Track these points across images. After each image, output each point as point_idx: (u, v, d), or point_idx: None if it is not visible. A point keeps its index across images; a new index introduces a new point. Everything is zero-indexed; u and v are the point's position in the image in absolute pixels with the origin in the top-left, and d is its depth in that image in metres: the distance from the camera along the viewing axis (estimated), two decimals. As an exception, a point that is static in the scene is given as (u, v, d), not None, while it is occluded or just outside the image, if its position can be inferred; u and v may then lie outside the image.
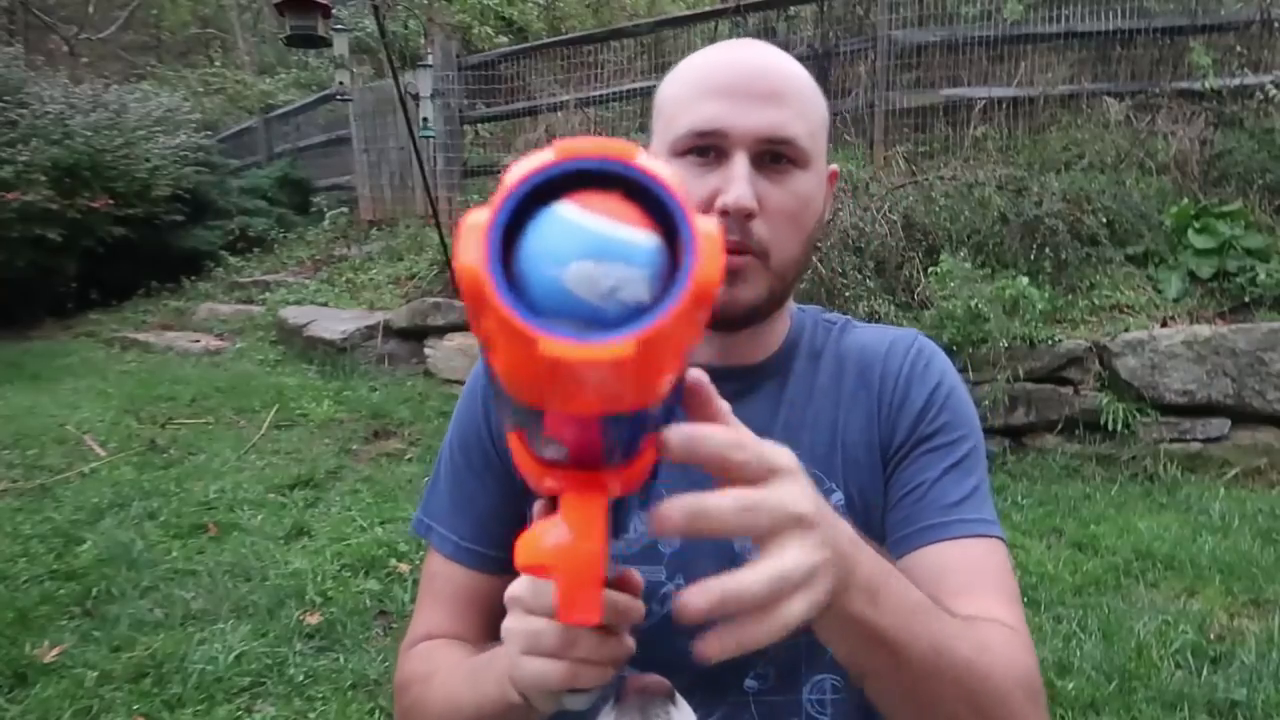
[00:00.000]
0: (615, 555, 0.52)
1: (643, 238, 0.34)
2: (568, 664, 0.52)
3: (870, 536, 0.72)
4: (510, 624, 0.55)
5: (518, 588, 0.55)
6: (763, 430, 0.76)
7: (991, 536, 0.80)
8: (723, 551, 0.79)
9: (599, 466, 0.43)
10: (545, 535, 0.44)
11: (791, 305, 0.88)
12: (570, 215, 0.33)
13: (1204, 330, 3.72)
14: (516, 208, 0.34)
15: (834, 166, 0.84)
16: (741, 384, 0.81)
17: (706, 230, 0.34)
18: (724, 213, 0.72)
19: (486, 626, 0.82)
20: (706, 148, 0.75)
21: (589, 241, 0.33)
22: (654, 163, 0.35)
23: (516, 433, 0.44)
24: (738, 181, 0.72)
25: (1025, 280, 3.97)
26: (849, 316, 0.92)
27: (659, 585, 0.80)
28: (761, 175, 0.74)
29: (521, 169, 0.34)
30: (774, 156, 0.75)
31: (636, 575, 0.54)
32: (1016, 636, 0.71)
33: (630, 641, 0.54)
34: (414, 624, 0.86)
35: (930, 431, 0.81)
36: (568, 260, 0.33)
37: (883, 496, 0.82)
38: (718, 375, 0.69)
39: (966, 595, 0.72)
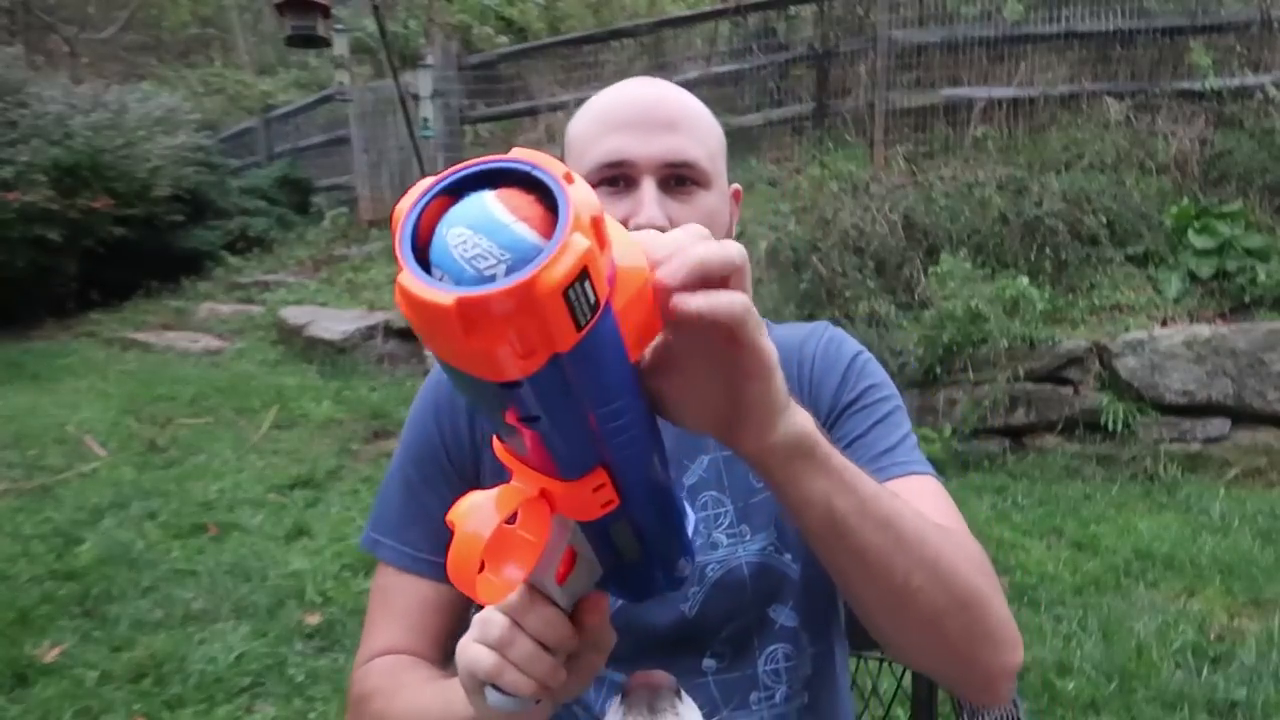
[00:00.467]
0: (577, 590, 0.55)
1: (524, 232, 0.39)
2: (499, 659, 0.54)
3: None
4: (482, 612, 0.57)
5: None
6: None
7: (926, 474, 0.83)
8: None
9: (549, 472, 0.46)
10: (473, 502, 0.47)
11: None
12: (483, 197, 0.40)
13: (1204, 330, 3.72)
14: (462, 182, 0.40)
15: (736, 186, 0.91)
16: None
17: (575, 244, 0.37)
18: None
19: (444, 638, 0.84)
20: (616, 178, 0.81)
21: (479, 217, 0.39)
22: (549, 170, 0.39)
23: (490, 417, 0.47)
24: (647, 204, 0.79)
25: (1025, 280, 3.97)
26: (768, 320, 0.94)
27: None
28: (669, 197, 0.81)
29: (471, 163, 0.41)
30: (678, 180, 0.81)
31: (595, 611, 0.56)
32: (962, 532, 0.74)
33: (562, 672, 0.55)
34: (368, 640, 0.86)
35: (852, 398, 0.87)
36: (457, 224, 0.39)
37: None
38: None
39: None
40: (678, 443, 0.84)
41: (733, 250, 0.49)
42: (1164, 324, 3.87)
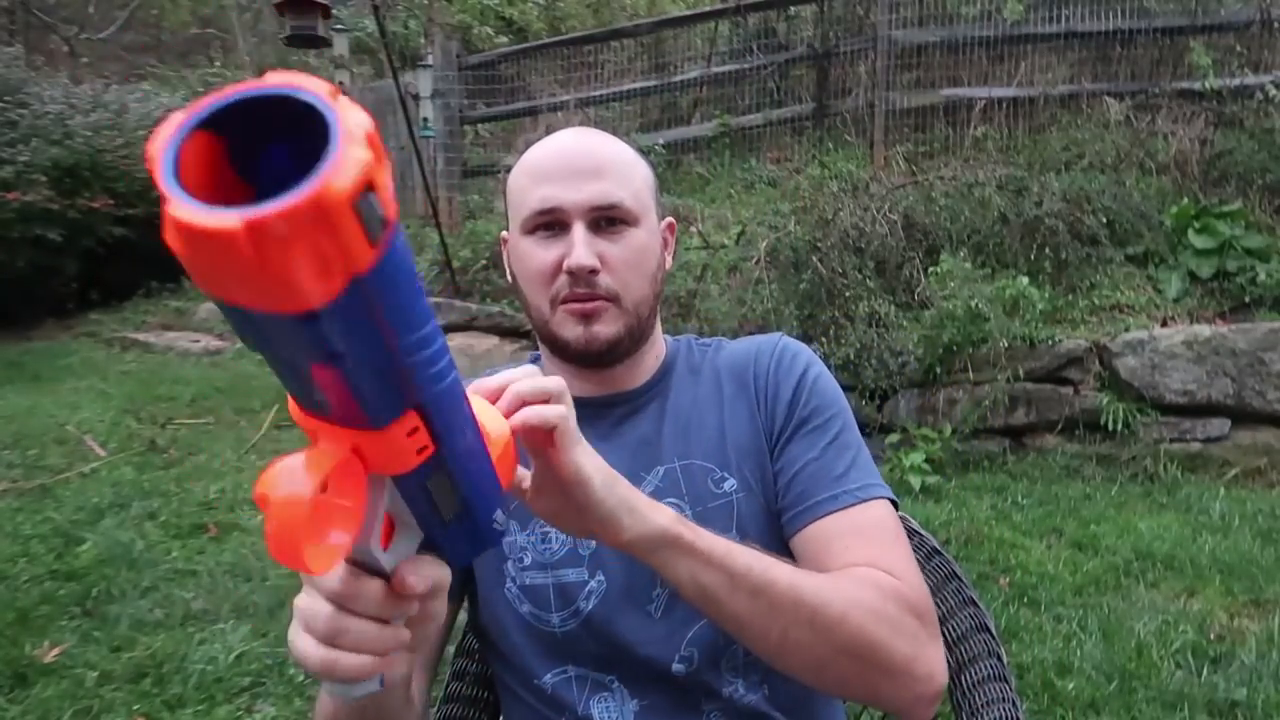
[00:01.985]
0: (400, 555, 0.53)
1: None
2: (328, 651, 0.53)
3: (770, 517, 0.90)
4: (299, 599, 0.56)
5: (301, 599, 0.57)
6: (652, 439, 0.99)
7: (875, 498, 0.88)
8: None
9: (358, 423, 0.43)
10: (281, 469, 0.44)
11: (663, 336, 1.01)
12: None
13: (1204, 330, 3.72)
14: (222, 115, 0.38)
15: (669, 219, 0.99)
16: (625, 407, 0.96)
17: (353, 155, 0.35)
18: (571, 273, 0.87)
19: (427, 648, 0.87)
20: (550, 223, 0.89)
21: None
22: (312, 90, 0.37)
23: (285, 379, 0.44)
24: (578, 246, 0.87)
25: (1025, 280, 3.97)
26: (721, 338, 1.05)
27: (582, 584, 0.89)
28: (600, 237, 0.89)
29: (228, 92, 0.38)
30: (608, 220, 0.89)
31: (416, 574, 0.53)
32: (878, 571, 0.80)
33: (405, 632, 0.55)
34: None
35: (805, 415, 0.92)
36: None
37: (773, 477, 0.91)
38: (601, 403, 0.95)
39: (850, 555, 0.83)
40: (634, 458, 0.92)
41: (548, 382, 0.64)
42: (1164, 324, 3.87)
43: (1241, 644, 2.36)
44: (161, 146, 0.36)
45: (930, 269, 4.12)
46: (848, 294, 4.03)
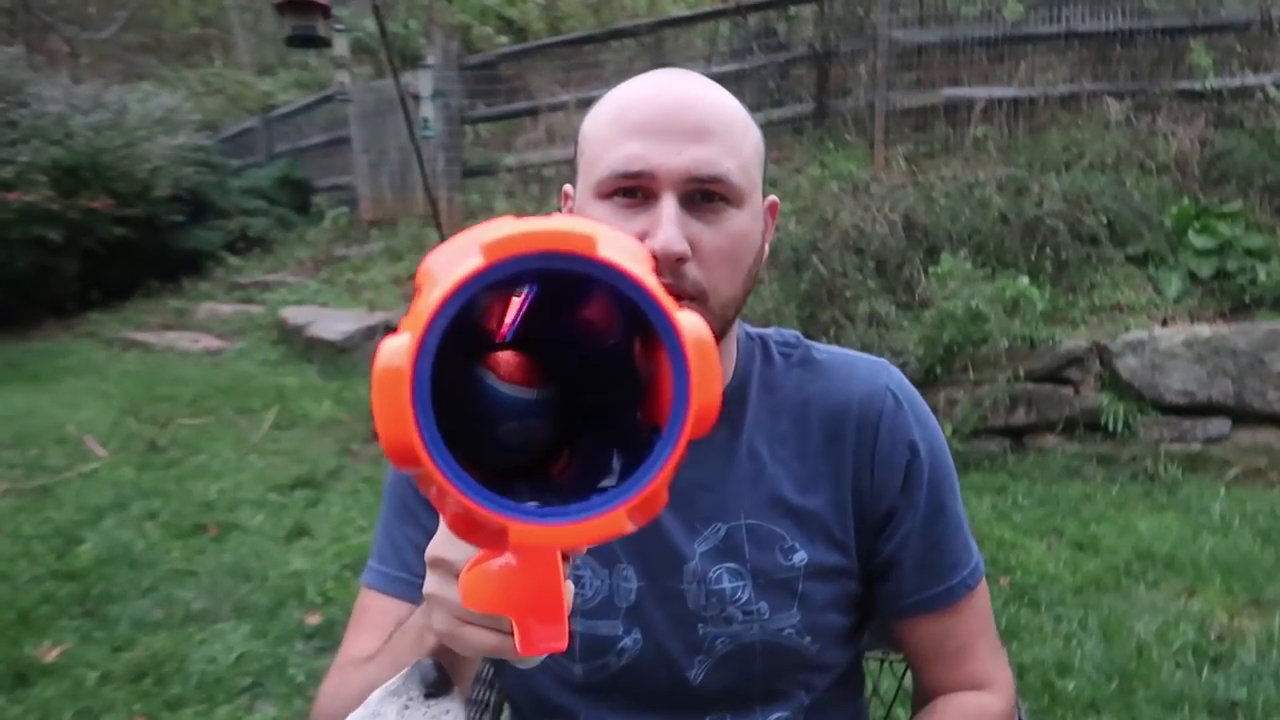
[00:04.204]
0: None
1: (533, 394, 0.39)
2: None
3: (841, 596, 0.82)
4: (433, 588, 0.53)
5: (441, 549, 0.52)
6: (714, 485, 0.80)
7: (978, 581, 0.84)
8: (674, 601, 0.79)
9: None
10: (494, 572, 0.41)
11: (738, 332, 0.84)
12: (493, 384, 0.38)
13: (1204, 330, 3.72)
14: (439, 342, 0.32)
15: (773, 198, 0.82)
16: None
17: (695, 339, 0.32)
18: (654, 258, 0.70)
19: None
20: (633, 189, 0.71)
21: (512, 407, 0.39)
22: (617, 252, 0.31)
23: None
24: (666, 225, 0.69)
25: (1025, 280, 3.97)
26: (810, 342, 0.88)
27: (616, 639, 0.80)
28: (693, 216, 0.71)
29: (443, 287, 0.30)
30: (705, 195, 0.71)
31: None
32: (987, 707, 0.82)
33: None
34: (340, 654, 0.81)
35: (915, 497, 0.81)
36: (499, 423, 0.39)
37: (858, 558, 0.82)
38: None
39: (961, 657, 0.83)
40: (689, 506, 0.79)
41: None
42: (1164, 324, 3.86)
43: (1242, 644, 2.36)
44: (415, 354, 0.31)
45: (930, 269, 4.12)
46: (848, 294, 4.03)
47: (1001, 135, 5.14)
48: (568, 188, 0.81)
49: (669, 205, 0.70)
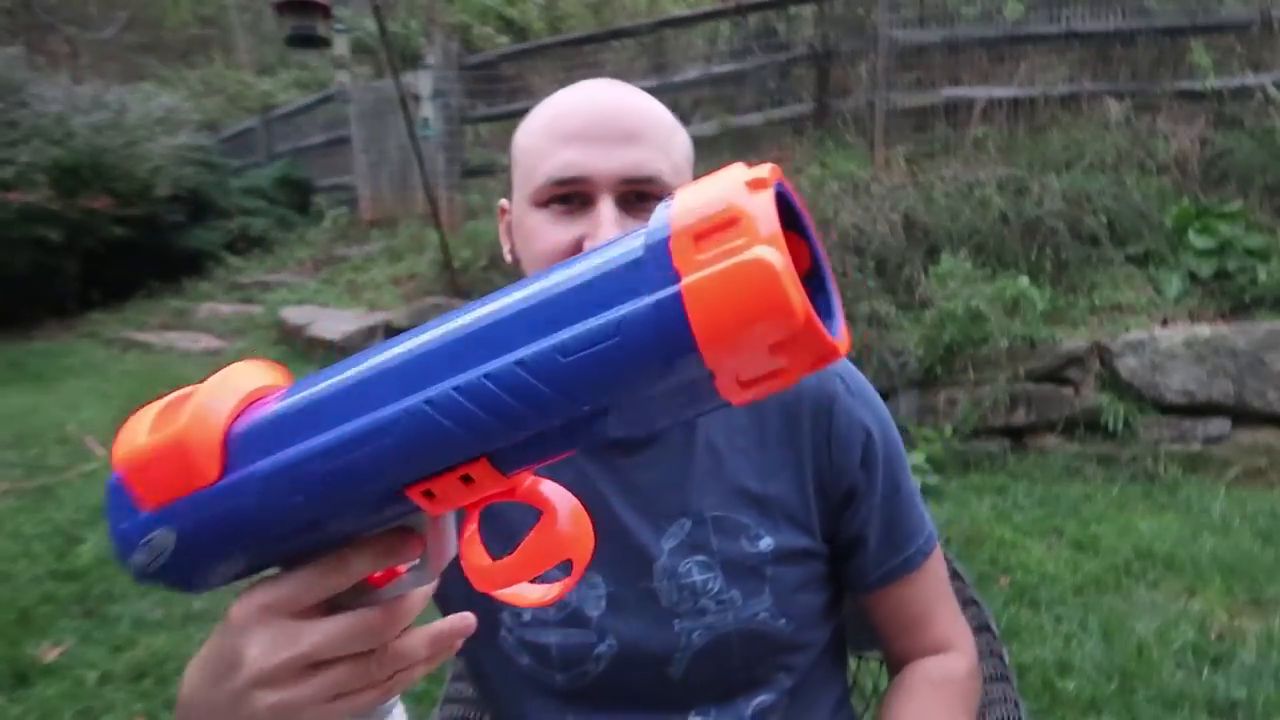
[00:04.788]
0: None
1: None
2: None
3: (810, 576, 0.84)
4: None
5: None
6: (677, 481, 0.81)
7: (933, 547, 0.89)
8: (647, 601, 0.80)
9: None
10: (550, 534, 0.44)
11: None
12: None
13: (1204, 330, 3.72)
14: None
15: None
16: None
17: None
18: None
19: None
20: (569, 195, 0.73)
21: None
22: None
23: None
24: (605, 226, 0.71)
25: (1025, 280, 3.97)
26: None
27: (590, 647, 0.80)
28: (630, 217, 0.73)
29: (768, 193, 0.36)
30: (640, 196, 0.73)
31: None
32: (951, 668, 0.87)
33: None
34: None
35: (874, 476, 0.84)
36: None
37: (823, 539, 0.85)
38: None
39: (925, 622, 0.88)
40: (652, 504, 0.80)
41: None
42: (1164, 324, 3.86)
43: (1242, 644, 2.36)
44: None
45: (930, 269, 4.12)
46: (848, 294, 4.03)
47: (1001, 135, 5.13)
48: (503, 202, 0.83)
49: (607, 207, 0.72)
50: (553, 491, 0.45)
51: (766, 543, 0.81)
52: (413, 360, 0.39)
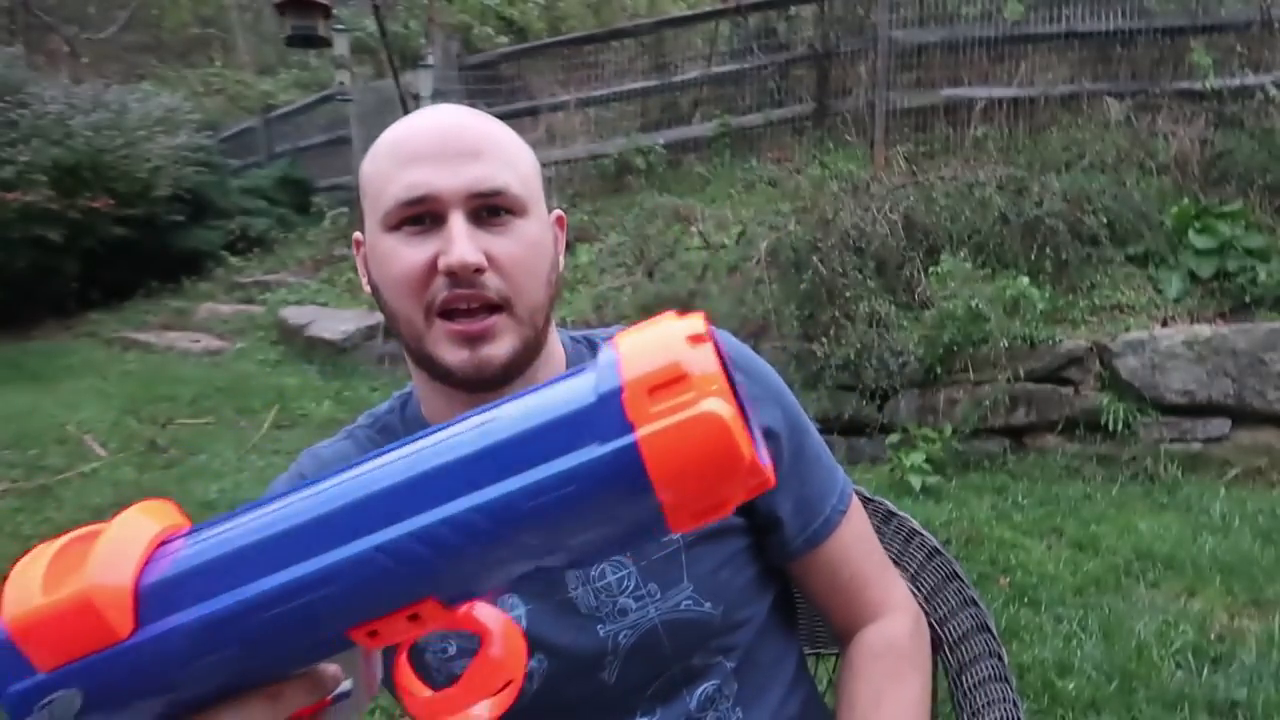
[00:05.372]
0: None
1: None
2: None
3: (730, 554, 0.84)
4: None
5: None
6: None
7: (849, 503, 0.89)
8: (566, 611, 0.79)
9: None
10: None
11: (559, 336, 0.86)
12: None
13: (1204, 330, 3.72)
14: None
15: (558, 211, 0.84)
16: None
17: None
18: (450, 274, 0.72)
19: None
20: (420, 216, 0.74)
21: None
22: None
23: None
24: (458, 240, 0.71)
25: (1025, 280, 3.97)
26: (615, 327, 0.89)
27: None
28: (482, 230, 0.74)
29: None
30: (490, 210, 0.74)
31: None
32: (895, 639, 0.87)
33: None
34: None
35: (779, 444, 0.84)
36: None
37: (738, 513, 0.83)
38: None
39: (857, 584, 0.88)
40: None
41: None
42: (1164, 324, 3.86)
43: (1242, 644, 2.36)
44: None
45: (930, 269, 4.12)
46: (848, 294, 4.03)
47: (1001, 135, 5.14)
48: (357, 235, 0.82)
49: (457, 221, 0.72)
50: (485, 614, 0.46)
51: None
52: (351, 506, 0.39)
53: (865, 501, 1.08)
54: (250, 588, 0.39)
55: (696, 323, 0.39)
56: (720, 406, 0.36)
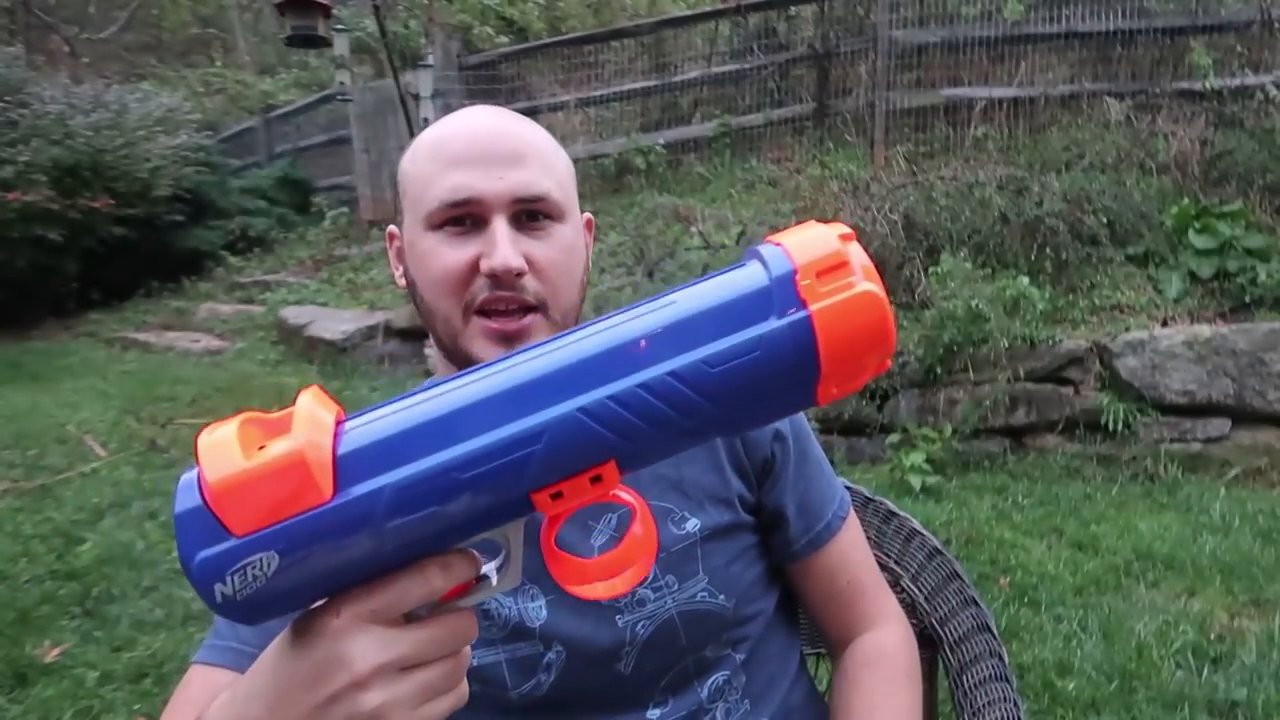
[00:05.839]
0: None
1: None
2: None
3: (742, 549, 0.87)
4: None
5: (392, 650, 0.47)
6: None
7: (848, 510, 0.92)
8: (588, 607, 0.80)
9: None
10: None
11: None
12: None
13: (1204, 330, 3.72)
14: None
15: (588, 215, 0.87)
16: None
17: None
18: (493, 276, 0.75)
19: None
20: (462, 217, 0.76)
21: None
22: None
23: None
24: (501, 244, 0.75)
25: (1026, 280, 3.97)
26: None
27: (539, 657, 0.80)
28: (523, 234, 0.77)
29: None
30: (530, 215, 0.77)
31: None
32: (888, 650, 0.89)
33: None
34: None
35: (785, 446, 0.87)
36: None
37: (744, 511, 0.87)
38: None
39: (854, 591, 0.90)
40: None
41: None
42: (1164, 324, 3.87)
43: (1242, 644, 2.36)
44: None
45: (930, 269, 4.12)
46: (848, 294, 4.03)
47: (1001, 135, 5.14)
48: (391, 228, 0.85)
49: (501, 226, 0.75)
50: (630, 493, 0.49)
51: (693, 524, 0.83)
52: (547, 376, 0.44)
53: (865, 501, 1.08)
54: (454, 449, 0.43)
55: (843, 227, 0.46)
56: (877, 289, 0.43)
